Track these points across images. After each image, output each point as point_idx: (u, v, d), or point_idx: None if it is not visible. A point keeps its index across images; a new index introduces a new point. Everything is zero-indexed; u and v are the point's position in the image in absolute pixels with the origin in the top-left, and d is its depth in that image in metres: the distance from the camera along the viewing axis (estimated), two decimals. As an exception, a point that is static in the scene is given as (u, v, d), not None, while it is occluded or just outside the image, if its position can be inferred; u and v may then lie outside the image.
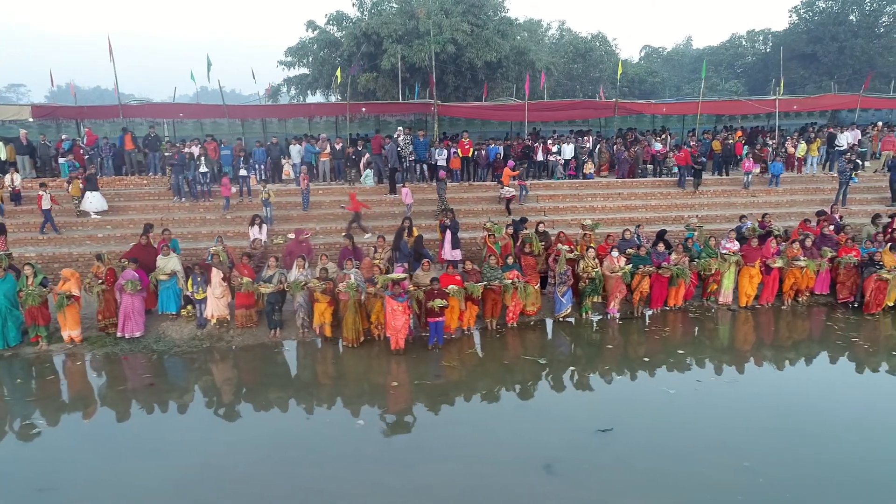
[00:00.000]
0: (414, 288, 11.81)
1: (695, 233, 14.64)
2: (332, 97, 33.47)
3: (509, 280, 12.30)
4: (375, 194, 18.77)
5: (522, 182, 18.74)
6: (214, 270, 12.07)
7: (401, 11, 30.56)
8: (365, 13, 32.40)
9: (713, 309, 13.84)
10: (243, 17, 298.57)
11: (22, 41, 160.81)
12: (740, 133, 23.85)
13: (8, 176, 16.94)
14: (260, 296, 12.24)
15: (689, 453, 8.28)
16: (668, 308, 13.66)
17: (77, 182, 16.01)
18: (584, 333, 12.86)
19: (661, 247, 13.59)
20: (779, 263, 13.46)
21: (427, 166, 19.95)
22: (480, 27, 30.55)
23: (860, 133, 23.51)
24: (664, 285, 13.35)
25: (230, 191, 17.29)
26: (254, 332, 12.38)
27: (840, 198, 19.07)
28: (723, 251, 13.78)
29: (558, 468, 8.00)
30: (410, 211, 17.22)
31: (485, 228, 14.64)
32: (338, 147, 19.98)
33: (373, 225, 16.67)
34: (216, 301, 12.18)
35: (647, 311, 13.60)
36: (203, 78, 22.21)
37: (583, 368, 11.18)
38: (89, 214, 16.61)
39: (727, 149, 21.50)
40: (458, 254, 14.50)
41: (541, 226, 14.61)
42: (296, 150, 19.97)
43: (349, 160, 19.40)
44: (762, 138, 24.16)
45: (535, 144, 21.36)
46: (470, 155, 20.20)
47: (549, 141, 21.91)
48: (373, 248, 13.70)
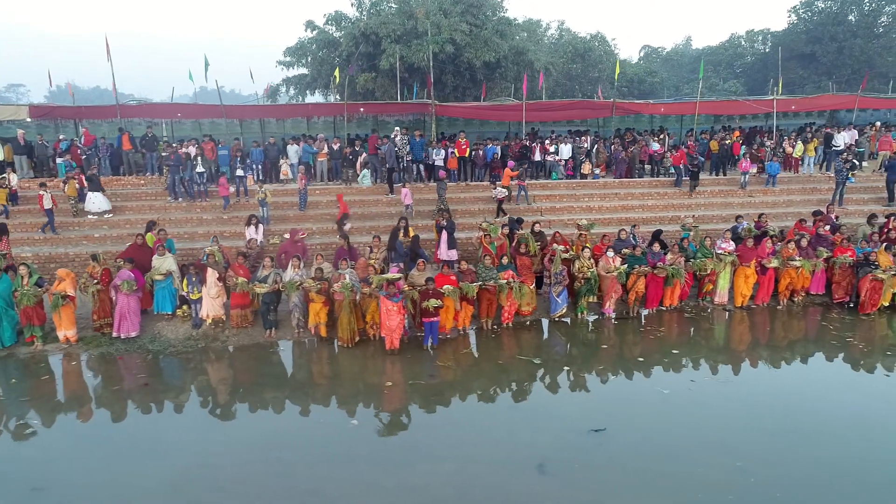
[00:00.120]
0: (409, 288, 11.83)
1: (690, 233, 14.65)
2: (331, 97, 33.51)
3: (504, 280, 12.31)
4: (372, 194, 18.80)
5: (522, 182, 18.76)
6: (210, 270, 12.08)
7: (399, 11, 30.58)
8: (364, 13, 32.43)
9: (709, 309, 13.85)
10: (243, 17, 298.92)
11: (22, 41, 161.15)
12: (738, 133, 23.85)
13: (4, 176, 16.96)
14: (255, 296, 12.25)
15: (682, 453, 8.29)
16: (664, 308, 13.66)
17: (73, 182, 16.03)
18: (580, 333, 12.87)
19: (657, 247, 13.60)
20: (774, 263, 13.47)
21: (424, 166, 19.96)
22: (479, 27, 30.58)
23: (857, 133, 23.51)
24: (660, 285, 13.35)
25: (228, 190, 17.32)
26: (249, 332, 12.39)
27: (837, 198, 19.08)
28: (718, 251, 13.79)
29: (551, 468, 8.02)
30: (412, 212, 17.26)
31: (481, 228, 14.65)
32: (335, 147, 19.99)
33: (369, 225, 16.71)
34: (211, 301, 12.19)
35: (643, 311, 13.61)
36: (202, 78, 22.27)
37: (577, 368, 11.19)
38: (86, 214, 16.63)
39: (724, 149, 21.51)
40: (455, 254, 14.52)
41: (537, 226, 14.65)
42: (293, 151, 19.98)
43: (346, 160, 19.41)
44: (760, 138, 24.16)
45: (533, 144, 21.38)
46: (467, 155, 20.21)
47: (547, 141, 21.94)
48: (368, 248, 13.71)
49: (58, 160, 18.75)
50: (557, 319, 13.20)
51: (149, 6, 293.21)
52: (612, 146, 22.10)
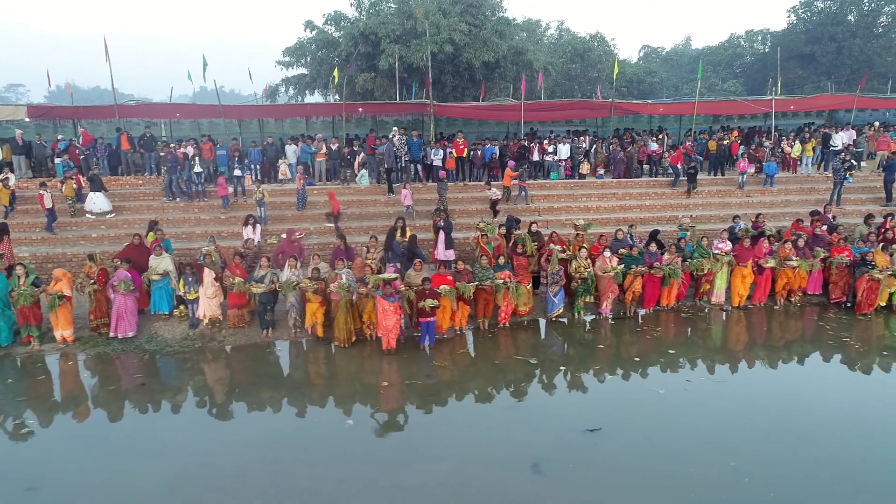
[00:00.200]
0: (405, 288, 11.83)
1: (687, 233, 14.65)
2: (331, 97, 33.52)
3: (501, 280, 12.32)
4: (370, 194, 18.80)
5: (522, 183, 18.77)
6: (206, 270, 12.08)
7: (398, 11, 30.57)
8: (363, 13, 32.42)
9: (706, 309, 13.85)
10: (243, 18, 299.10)
11: (22, 41, 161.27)
12: (736, 133, 23.86)
13: (8, 176, 16.96)
14: (252, 296, 12.25)
15: (677, 453, 8.29)
16: (661, 308, 13.66)
17: (71, 182, 16.03)
18: (576, 333, 12.87)
19: (654, 247, 13.60)
20: (771, 263, 13.47)
21: (421, 166, 19.97)
22: (478, 27, 30.58)
23: (855, 133, 23.51)
24: (656, 285, 13.35)
25: (227, 190, 17.33)
26: (246, 332, 12.39)
27: (834, 198, 19.09)
28: (715, 251, 13.79)
29: (545, 468, 8.01)
30: (412, 212, 17.27)
31: (478, 228, 14.65)
32: (334, 147, 20.00)
33: (367, 225, 16.72)
34: (208, 301, 12.20)
35: (640, 311, 13.61)
36: (201, 78, 22.31)
37: (574, 368, 11.19)
38: (84, 214, 16.64)
39: (722, 149, 21.51)
40: (452, 254, 14.53)
41: (534, 226, 14.64)
42: (292, 151, 19.98)
43: (344, 160, 19.41)
44: (758, 138, 24.17)
45: (531, 145, 21.39)
46: (465, 155, 20.21)
47: (546, 141, 21.95)
48: (365, 249, 13.70)
49: (56, 160, 18.75)
50: (554, 319, 13.20)
51: (149, 6, 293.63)
52: (611, 146, 22.12)
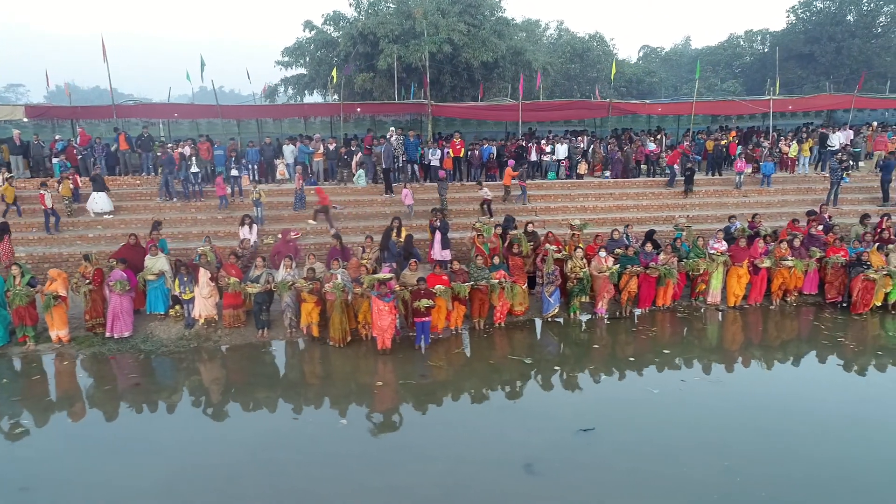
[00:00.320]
0: (400, 288, 11.84)
1: (683, 233, 14.64)
2: (330, 97, 33.54)
3: (496, 280, 12.32)
4: (367, 194, 18.81)
5: (522, 182, 18.79)
6: (202, 270, 12.09)
7: (397, 12, 30.59)
8: (362, 13, 32.43)
9: (701, 309, 13.86)
10: (243, 18, 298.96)
11: (21, 41, 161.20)
12: (734, 133, 23.87)
13: (12, 175, 17.02)
14: (247, 296, 12.26)
15: (670, 453, 8.29)
16: (657, 308, 13.67)
17: (67, 182, 16.04)
18: (572, 333, 12.87)
19: (649, 247, 13.60)
20: (766, 263, 13.47)
21: (419, 166, 19.98)
22: (477, 27, 30.58)
23: (853, 133, 23.51)
24: (652, 285, 13.36)
25: (226, 190, 17.35)
26: (241, 332, 12.40)
27: (831, 198, 19.09)
28: (711, 251, 13.79)
29: (538, 468, 8.02)
30: (412, 212, 17.28)
31: (474, 228, 14.66)
32: (331, 147, 20.02)
33: (363, 225, 16.71)
34: (204, 301, 12.20)
35: (636, 311, 13.61)
36: (201, 78, 22.32)
37: (568, 368, 11.20)
38: (80, 214, 16.65)
39: (720, 149, 21.51)
40: (448, 254, 14.51)
41: (530, 226, 14.64)
42: (289, 151, 20.00)
43: (341, 160, 19.43)
44: (756, 138, 24.17)
45: (529, 144, 21.39)
46: (461, 155, 20.22)
47: (543, 141, 21.95)
48: (361, 249, 13.71)
49: (53, 160, 18.75)
50: (550, 319, 13.20)
51: (149, 6, 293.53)
52: (609, 146, 22.12)
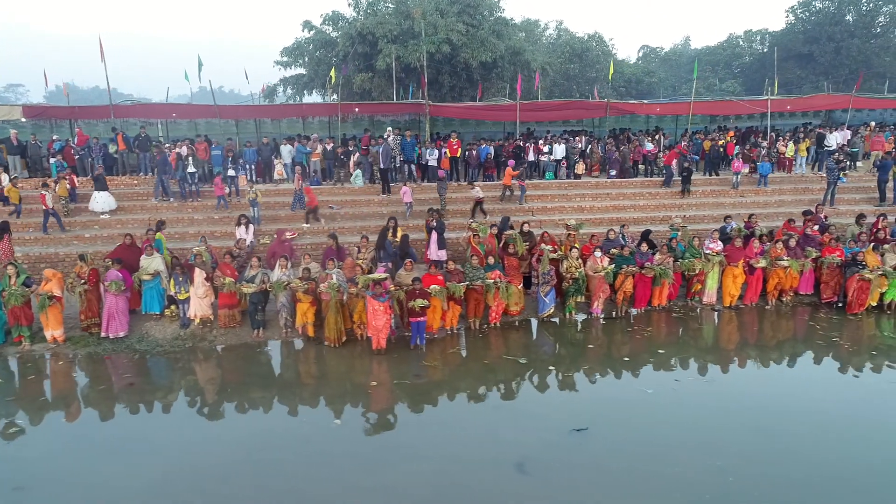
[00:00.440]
0: (395, 288, 11.84)
1: (678, 233, 14.64)
2: (329, 97, 33.54)
3: (491, 280, 12.33)
4: (364, 194, 18.82)
5: (522, 182, 18.80)
6: (197, 270, 12.10)
7: (396, 12, 30.58)
8: (360, 13, 32.43)
9: (697, 309, 13.86)
10: (243, 18, 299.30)
11: (21, 41, 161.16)
12: (732, 133, 23.86)
13: (17, 175, 17.06)
14: (243, 296, 12.27)
15: (662, 453, 8.30)
16: (653, 308, 13.67)
17: (64, 182, 16.04)
18: (567, 333, 12.88)
19: (645, 247, 13.61)
20: (762, 263, 13.48)
21: (416, 166, 19.99)
22: (476, 27, 30.57)
23: (850, 133, 23.49)
24: (648, 285, 13.36)
25: (224, 190, 17.36)
26: (237, 332, 12.41)
27: (828, 198, 19.08)
28: (706, 251, 13.80)
29: (530, 467, 8.04)
30: (411, 210, 17.29)
31: (469, 228, 14.67)
32: (329, 147, 20.02)
33: (360, 225, 16.73)
34: (199, 301, 12.21)
35: (632, 311, 13.62)
36: (199, 78, 22.31)
37: (563, 368, 11.20)
38: (77, 214, 16.66)
39: (716, 149, 21.50)
40: (444, 254, 14.53)
41: (525, 226, 14.64)
42: (287, 151, 19.99)
43: (338, 160, 19.44)
44: (754, 138, 24.15)
45: (527, 144, 21.39)
46: (458, 155, 20.22)
47: (541, 141, 21.96)
48: (356, 248, 13.72)
49: (51, 160, 18.77)
50: (545, 319, 13.21)
51: (149, 6, 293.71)
52: (606, 146, 22.12)
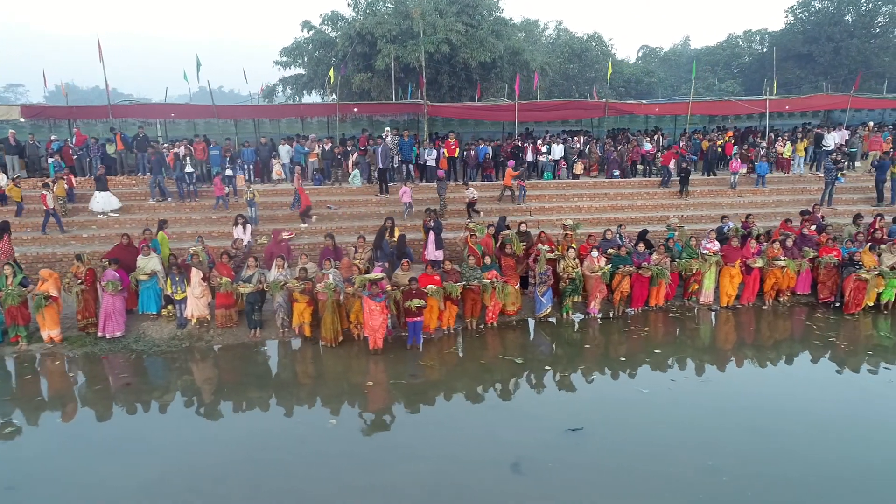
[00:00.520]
0: (392, 288, 11.85)
1: (675, 233, 14.64)
2: (328, 97, 33.53)
3: (488, 280, 12.33)
4: (362, 194, 18.82)
5: (522, 182, 18.80)
6: (194, 270, 12.10)
7: (395, 12, 30.58)
8: (360, 13, 32.43)
9: (694, 309, 13.87)
10: (243, 18, 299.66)
11: (21, 41, 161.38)
12: (731, 133, 23.86)
13: (19, 175, 17.08)
14: (239, 296, 12.27)
15: (658, 452, 8.30)
16: (650, 308, 13.67)
17: (62, 182, 16.05)
18: (564, 333, 12.88)
19: (642, 247, 13.61)
20: (759, 263, 13.48)
21: (413, 166, 20.00)
22: (475, 27, 30.57)
23: (848, 133, 23.49)
24: (645, 285, 13.36)
25: (223, 190, 17.38)
26: (234, 332, 12.41)
27: (826, 198, 19.09)
28: (703, 251, 13.80)
29: (525, 467, 8.04)
30: (412, 210, 17.30)
31: (466, 228, 14.67)
32: (327, 147, 20.03)
33: (357, 225, 16.73)
34: (196, 301, 12.21)
35: (629, 311, 13.61)
36: (197, 78, 22.30)
37: (560, 368, 11.19)
38: (74, 214, 16.67)
39: (713, 149, 21.50)
40: (441, 254, 14.52)
41: (523, 226, 14.65)
42: (285, 151, 20.01)
43: (335, 160, 19.46)
44: (753, 138, 24.16)
45: (525, 144, 21.40)
46: (456, 155, 20.23)
47: (539, 141, 21.96)
48: (353, 248, 13.72)
49: (48, 160, 18.77)
50: (542, 319, 13.21)
51: (149, 6, 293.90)
52: (605, 146, 22.13)
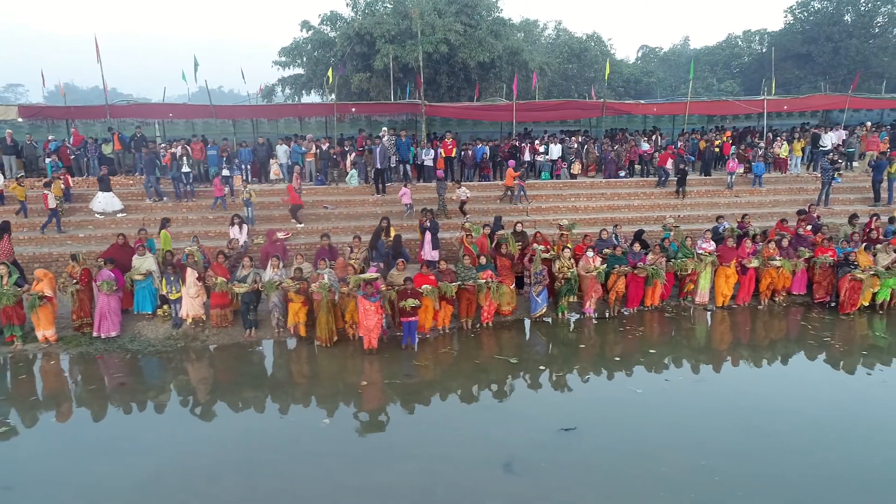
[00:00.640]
0: (387, 288, 11.86)
1: (671, 233, 14.64)
2: (327, 97, 33.53)
3: (483, 280, 12.34)
4: (359, 194, 18.83)
5: (523, 182, 18.84)
6: (189, 270, 12.11)
7: (394, 12, 30.62)
8: (358, 13, 32.45)
9: (689, 309, 13.86)
10: (243, 18, 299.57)
11: (21, 41, 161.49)
12: (729, 133, 23.86)
13: (23, 174, 17.13)
14: (235, 296, 12.28)
15: (649, 452, 8.29)
16: (645, 308, 13.68)
17: (59, 182, 16.06)
18: (559, 333, 12.88)
19: (637, 247, 13.61)
20: (754, 263, 13.48)
21: (410, 166, 20.01)
22: (473, 27, 30.60)
23: (846, 133, 23.49)
24: (640, 285, 13.36)
25: (223, 191, 17.39)
26: (229, 332, 12.41)
27: (822, 198, 19.09)
28: (699, 251, 13.80)
29: (518, 467, 8.04)
30: (412, 212, 17.32)
31: (462, 228, 14.67)
32: (324, 147, 20.05)
33: (354, 225, 16.73)
34: (191, 301, 12.23)
35: (624, 311, 13.62)
36: (195, 78, 22.29)
37: (554, 368, 11.18)
38: (71, 214, 16.69)
39: (710, 149, 21.50)
40: (438, 255, 14.51)
41: (518, 225, 14.65)
42: (282, 151, 20.03)
43: (331, 160, 19.48)
44: (751, 138, 24.15)
45: (522, 144, 21.41)
46: (453, 155, 20.24)
47: (537, 141, 21.97)
48: (349, 248, 13.74)
49: (46, 160, 18.80)
50: (538, 319, 13.21)
51: (149, 6, 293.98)
52: (602, 146, 22.13)
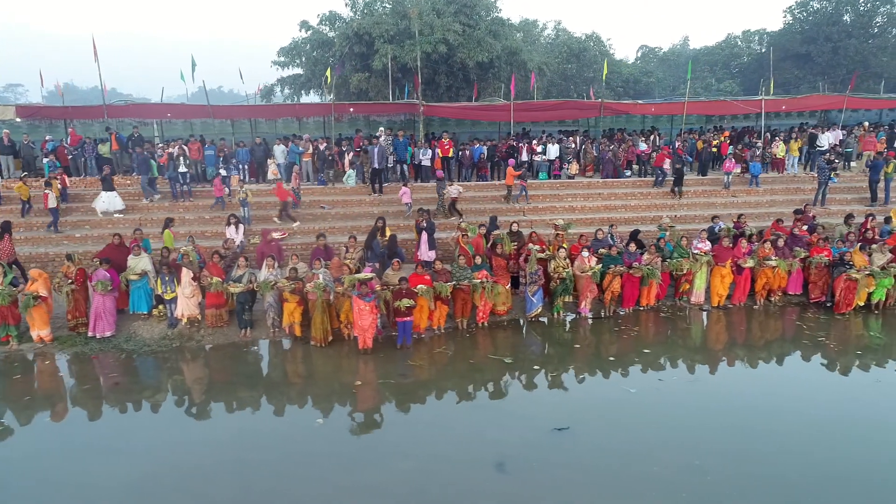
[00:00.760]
0: (382, 288, 11.86)
1: (667, 233, 14.65)
2: (326, 97, 33.51)
3: (478, 280, 12.34)
4: (356, 194, 18.84)
5: (524, 182, 18.84)
6: (184, 270, 12.12)
7: (393, 12, 30.59)
8: (357, 13, 32.44)
9: (685, 309, 13.87)
10: (243, 18, 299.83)
11: (21, 41, 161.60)
12: (727, 133, 23.85)
13: (26, 174, 17.16)
14: (230, 295, 12.29)
15: (642, 452, 8.31)
16: (641, 308, 13.68)
17: (56, 182, 16.06)
18: (555, 333, 12.89)
19: (633, 247, 13.62)
20: (750, 263, 13.48)
21: (408, 166, 20.01)
22: (472, 27, 30.56)
23: (843, 133, 23.47)
24: (636, 285, 13.37)
25: (224, 191, 17.40)
26: (224, 332, 12.43)
27: (819, 198, 19.08)
28: (694, 251, 13.80)
29: (510, 466, 8.06)
30: (411, 210, 17.34)
31: (458, 228, 14.68)
32: (321, 147, 20.05)
33: (350, 225, 16.74)
34: (186, 301, 12.23)
35: (620, 311, 13.62)
36: (192, 78, 22.32)
37: (549, 368, 11.20)
38: (68, 214, 16.71)
39: (707, 149, 21.49)
40: (434, 255, 14.53)
41: (514, 225, 14.66)
42: (280, 151, 20.04)
43: (327, 161, 19.49)
44: (748, 138, 24.14)
45: (520, 144, 21.41)
46: (450, 155, 20.25)
47: (535, 141, 21.97)
48: (344, 248, 13.74)
49: (43, 160, 18.82)
50: (533, 319, 13.21)
51: (149, 6, 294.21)
52: (600, 146, 22.12)
